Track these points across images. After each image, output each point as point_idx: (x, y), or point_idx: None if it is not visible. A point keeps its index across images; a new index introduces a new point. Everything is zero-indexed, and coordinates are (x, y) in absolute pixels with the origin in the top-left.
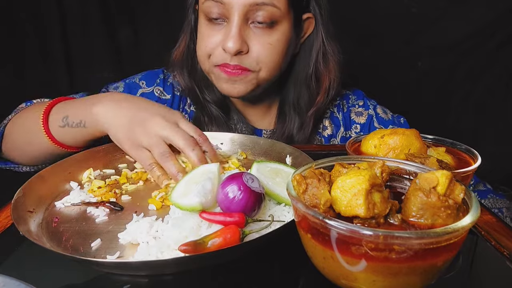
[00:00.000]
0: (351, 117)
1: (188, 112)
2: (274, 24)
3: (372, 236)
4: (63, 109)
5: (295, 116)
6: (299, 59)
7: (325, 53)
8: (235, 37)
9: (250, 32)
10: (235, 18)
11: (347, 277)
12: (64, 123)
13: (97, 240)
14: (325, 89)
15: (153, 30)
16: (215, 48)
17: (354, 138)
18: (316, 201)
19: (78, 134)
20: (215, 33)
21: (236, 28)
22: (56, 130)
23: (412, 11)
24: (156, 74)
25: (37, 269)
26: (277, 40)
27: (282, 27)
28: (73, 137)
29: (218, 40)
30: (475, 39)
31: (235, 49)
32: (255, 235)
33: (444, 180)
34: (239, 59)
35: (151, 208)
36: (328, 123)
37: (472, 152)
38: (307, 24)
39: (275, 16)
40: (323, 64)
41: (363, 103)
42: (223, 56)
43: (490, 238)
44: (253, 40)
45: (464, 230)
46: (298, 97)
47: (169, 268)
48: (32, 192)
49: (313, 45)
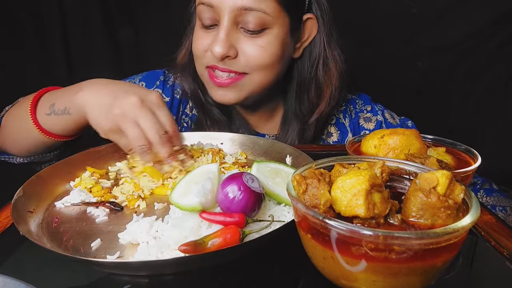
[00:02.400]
0: (359, 123)
1: (189, 116)
2: (264, 30)
3: (372, 236)
4: (50, 98)
5: (297, 123)
6: (300, 64)
7: (326, 60)
8: (222, 41)
9: (239, 36)
10: (224, 22)
11: (347, 277)
12: (50, 111)
13: (97, 240)
14: (327, 98)
15: (153, 30)
16: (206, 51)
17: (354, 138)
18: (316, 201)
19: (63, 121)
20: (207, 36)
21: (223, 32)
22: (43, 118)
23: (412, 11)
24: (156, 76)
25: (37, 269)
26: (268, 43)
27: (275, 31)
28: (59, 125)
29: (208, 43)
30: (475, 39)
31: (222, 54)
32: (255, 235)
33: (444, 180)
34: (228, 63)
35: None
36: (334, 130)
37: (472, 152)
38: (310, 27)
39: (265, 22)
40: (323, 71)
41: (370, 108)
42: (213, 59)
43: (490, 238)
44: (242, 44)
45: (464, 230)
46: (300, 103)
47: (169, 268)
48: (32, 192)
49: (316, 49)
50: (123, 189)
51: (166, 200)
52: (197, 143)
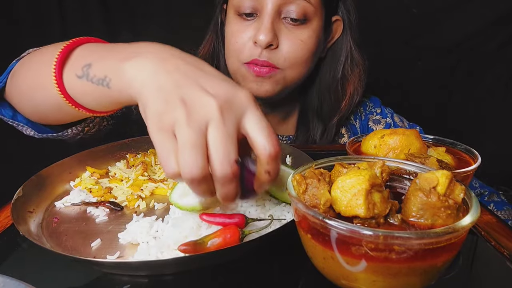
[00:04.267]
0: (368, 124)
1: None
2: (306, 21)
3: (372, 236)
4: (89, 54)
5: (318, 123)
6: (325, 64)
7: (353, 60)
8: (267, 29)
9: (281, 27)
10: (268, 11)
11: (347, 278)
12: (83, 73)
13: (97, 240)
14: (350, 96)
15: (153, 30)
16: (245, 43)
17: (354, 138)
18: (316, 201)
19: (97, 93)
20: (246, 28)
21: (268, 21)
22: (70, 79)
23: (412, 11)
24: None
25: (37, 269)
26: (308, 37)
27: (314, 25)
28: (90, 96)
29: (249, 35)
30: (475, 39)
31: (267, 41)
32: (255, 235)
33: (444, 180)
34: (268, 54)
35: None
36: (345, 131)
37: (472, 152)
38: (335, 28)
39: (308, 12)
40: (350, 71)
41: (380, 111)
42: (253, 52)
43: (490, 238)
44: (284, 35)
45: (464, 230)
46: (322, 103)
47: (169, 268)
48: (32, 192)
49: (342, 50)
50: (122, 189)
51: (166, 200)
52: None
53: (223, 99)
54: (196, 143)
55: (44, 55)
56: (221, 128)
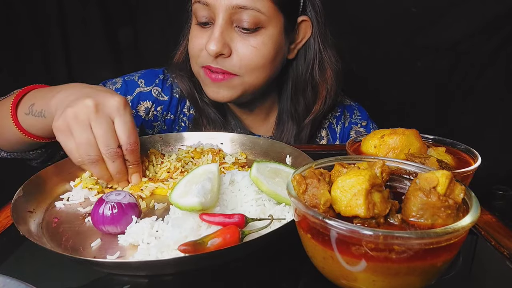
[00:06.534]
0: (350, 134)
1: (187, 115)
2: (259, 29)
3: (372, 236)
4: (33, 96)
5: (292, 124)
6: (295, 65)
7: (322, 61)
8: (215, 39)
9: (234, 35)
10: (219, 22)
11: (347, 277)
12: (29, 111)
13: (97, 240)
14: (322, 98)
15: (153, 30)
16: (201, 50)
17: (354, 138)
18: (316, 201)
19: (39, 124)
20: (202, 34)
21: (218, 31)
22: (22, 117)
23: (412, 11)
24: (155, 74)
25: (37, 269)
26: (262, 43)
27: (270, 31)
28: (35, 126)
29: (203, 42)
30: (475, 39)
31: (215, 51)
32: (254, 235)
33: (444, 180)
34: (222, 62)
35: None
36: (325, 133)
37: (472, 152)
38: (304, 28)
39: (260, 21)
40: (319, 72)
41: (366, 124)
42: (206, 58)
43: (490, 238)
44: (237, 43)
45: (464, 230)
46: (296, 104)
47: (169, 268)
48: (32, 192)
49: (311, 50)
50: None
51: (166, 200)
52: (197, 143)
53: (99, 102)
54: (86, 140)
55: (3, 104)
56: (98, 117)
